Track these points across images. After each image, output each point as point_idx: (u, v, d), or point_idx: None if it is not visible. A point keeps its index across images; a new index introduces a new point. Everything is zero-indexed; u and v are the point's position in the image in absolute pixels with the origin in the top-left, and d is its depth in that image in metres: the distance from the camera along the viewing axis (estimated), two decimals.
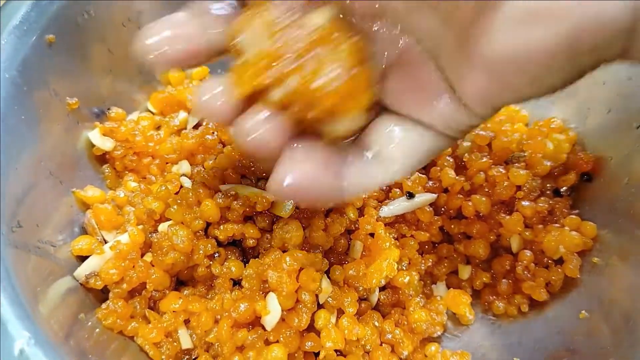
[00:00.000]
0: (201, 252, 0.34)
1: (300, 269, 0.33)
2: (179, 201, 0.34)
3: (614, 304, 0.34)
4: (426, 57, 0.25)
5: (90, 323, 0.32)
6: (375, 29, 0.25)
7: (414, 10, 0.24)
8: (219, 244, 0.35)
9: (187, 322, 0.34)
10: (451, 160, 0.40)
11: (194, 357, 0.34)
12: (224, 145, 0.39)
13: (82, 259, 0.34)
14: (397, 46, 0.25)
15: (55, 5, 0.35)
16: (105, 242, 0.36)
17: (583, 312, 0.35)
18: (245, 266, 0.33)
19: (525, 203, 0.38)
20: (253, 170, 0.36)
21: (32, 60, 0.34)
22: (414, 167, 0.27)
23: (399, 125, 0.26)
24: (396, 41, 0.25)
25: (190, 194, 0.34)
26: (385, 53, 0.26)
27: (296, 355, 0.33)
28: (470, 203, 0.38)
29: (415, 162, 0.27)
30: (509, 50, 0.21)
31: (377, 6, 0.25)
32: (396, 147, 0.26)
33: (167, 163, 0.40)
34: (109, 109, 0.40)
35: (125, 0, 0.40)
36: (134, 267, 0.34)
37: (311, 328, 0.33)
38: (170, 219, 0.35)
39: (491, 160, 0.39)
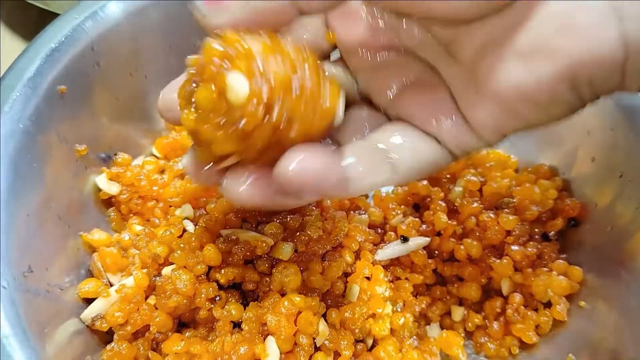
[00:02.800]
0: (203, 295, 0.35)
1: (299, 313, 0.34)
2: (182, 245, 0.36)
3: (601, 345, 0.36)
4: (441, 83, 0.27)
5: None
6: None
7: (426, 46, 0.26)
8: (220, 287, 0.36)
9: None
10: (443, 204, 0.41)
11: None
12: None
13: (88, 300, 0.36)
14: (413, 72, 0.28)
15: (67, 58, 0.37)
16: (111, 284, 0.37)
17: (570, 355, 0.36)
18: (245, 309, 0.35)
19: (514, 247, 0.39)
20: (253, 214, 0.38)
21: (44, 110, 0.35)
22: (417, 176, 0.28)
23: (410, 132, 0.27)
24: (412, 67, 0.28)
25: (193, 238, 0.36)
26: (404, 78, 0.28)
27: None
28: (462, 247, 0.40)
29: (421, 171, 0.28)
30: (516, 83, 0.24)
31: (397, 41, 0.27)
32: (406, 150, 0.27)
33: (170, 206, 0.41)
34: (115, 154, 0.42)
35: (133, 52, 0.42)
36: (138, 309, 0.35)
37: None
38: (174, 263, 0.36)
39: (482, 206, 0.41)
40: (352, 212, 0.42)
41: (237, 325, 0.35)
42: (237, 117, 0.23)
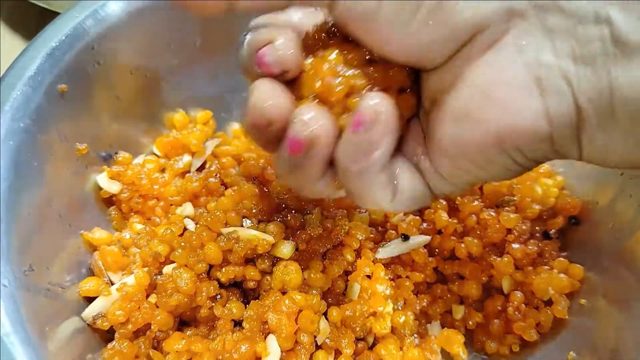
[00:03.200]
0: (204, 294, 0.35)
1: (299, 311, 0.34)
2: (183, 244, 0.36)
3: (601, 343, 0.36)
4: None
5: None
6: None
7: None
8: (221, 285, 0.36)
9: None
10: (444, 202, 0.41)
11: None
12: (226, 188, 0.41)
13: (89, 299, 0.36)
14: None
15: (67, 57, 0.37)
16: (112, 282, 0.37)
17: (571, 353, 0.36)
18: (246, 307, 0.35)
19: (515, 245, 0.39)
20: (254, 213, 0.38)
21: (44, 108, 0.35)
22: (409, 207, 0.29)
23: (409, 165, 0.27)
24: None
25: (194, 237, 0.36)
26: None
27: None
28: (462, 245, 0.40)
29: (413, 203, 0.28)
30: (451, 140, 0.25)
31: None
32: (406, 180, 0.27)
33: (171, 205, 0.41)
34: (116, 152, 0.42)
35: (133, 50, 0.42)
36: (139, 308, 0.35)
37: None
38: (175, 261, 0.36)
39: (482, 204, 0.41)
40: (352, 210, 0.42)
41: (238, 323, 0.36)
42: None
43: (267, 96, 0.25)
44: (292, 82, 0.26)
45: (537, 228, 0.41)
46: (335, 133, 0.25)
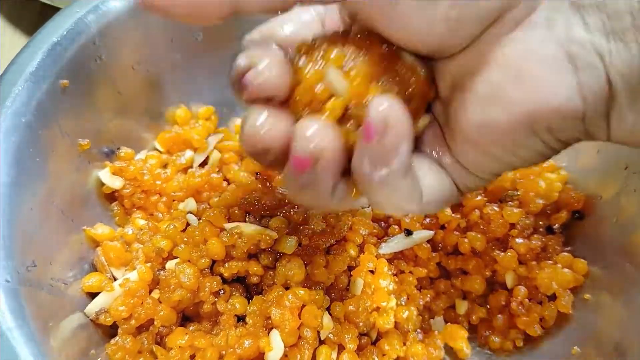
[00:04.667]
0: (207, 289, 0.35)
1: (303, 306, 0.34)
2: (185, 239, 0.36)
3: (605, 338, 0.36)
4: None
5: (100, 359, 0.34)
6: None
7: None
8: (224, 280, 0.36)
9: (192, 357, 0.35)
10: None
11: None
12: (229, 183, 0.41)
13: (92, 295, 0.36)
14: None
15: (69, 52, 0.37)
16: (115, 278, 0.37)
17: (575, 347, 0.36)
18: (249, 303, 0.35)
19: (519, 240, 0.39)
20: (257, 208, 0.38)
21: (46, 104, 0.35)
22: (434, 208, 0.27)
23: (430, 163, 0.27)
24: None
25: (197, 232, 0.36)
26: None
27: None
28: (466, 240, 0.40)
29: (438, 203, 0.27)
30: (479, 125, 0.24)
31: None
32: (429, 181, 0.26)
33: (173, 200, 0.41)
34: (118, 148, 0.42)
35: (135, 45, 0.41)
36: (142, 303, 0.35)
37: None
38: (178, 257, 0.36)
39: (486, 199, 0.41)
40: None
41: (241, 318, 0.35)
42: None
43: (261, 123, 0.24)
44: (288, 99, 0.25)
45: (540, 223, 0.41)
46: (341, 144, 0.24)
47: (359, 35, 0.24)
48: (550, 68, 0.22)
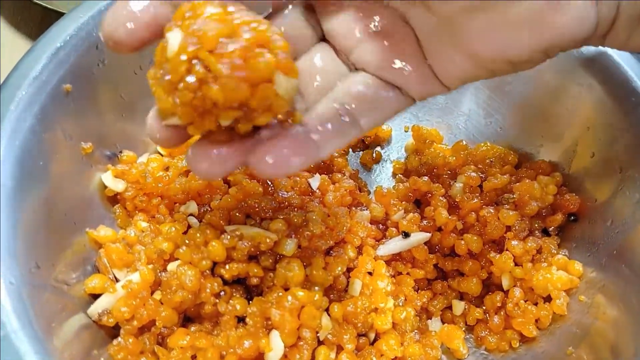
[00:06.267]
0: (208, 290, 0.35)
1: (302, 307, 0.34)
2: (187, 242, 0.36)
3: (600, 339, 0.36)
4: (409, 32, 0.28)
5: (102, 359, 0.34)
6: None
7: (409, 5, 0.27)
8: (225, 282, 0.37)
9: (194, 357, 0.35)
10: (444, 200, 0.42)
11: None
12: (230, 186, 0.42)
13: (95, 296, 0.36)
14: (380, 19, 0.28)
15: (72, 57, 0.37)
16: (117, 280, 0.37)
17: (570, 348, 0.37)
18: (249, 304, 0.35)
19: (514, 242, 0.40)
20: (257, 211, 0.38)
21: (49, 108, 0.36)
22: (379, 123, 0.30)
23: (372, 83, 0.29)
24: (380, 14, 0.28)
25: (198, 234, 0.36)
26: (371, 24, 0.28)
27: None
28: (462, 242, 0.40)
29: (382, 119, 0.29)
30: (501, 49, 0.26)
31: None
32: (367, 103, 0.28)
33: (175, 203, 0.42)
34: (120, 151, 0.42)
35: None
36: (144, 305, 0.35)
37: None
38: (179, 259, 0.36)
39: (482, 201, 0.41)
40: (354, 208, 0.43)
41: (241, 319, 0.36)
42: (167, 71, 0.23)
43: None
44: None
45: (536, 225, 0.41)
46: None
47: None
48: None
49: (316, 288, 0.36)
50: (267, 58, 0.23)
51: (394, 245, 0.40)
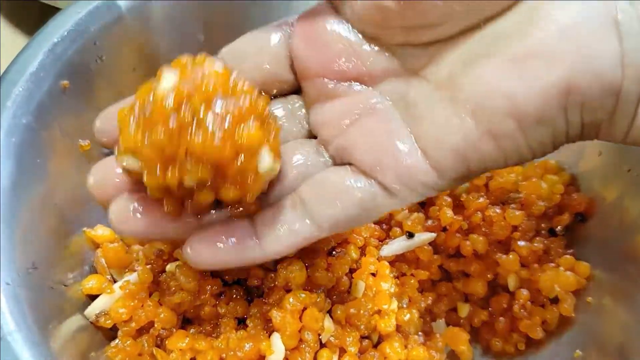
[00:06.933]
0: (207, 292, 0.35)
1: (304, 309, 0.34)
2: None
3: (608, 341, 0.36)
4: (390, 109, 0.26)
5: None
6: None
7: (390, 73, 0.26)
8: (225, 283, 0.36)
9: None
10: (449, 199, 0.41)
11: None
12: None
13: (92, 297, 0.36)
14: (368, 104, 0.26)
15: (69, 52, 0.37)
16: (115, 280, 0.37)
17: (578, 351, 0.36)
18: (249, 305, 0.35)
19: (521, 243, 0.39)
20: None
21: (46, 105, 0.35)
22: (348, 227, 0.27)
23: (350, 176, 0.26)
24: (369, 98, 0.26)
25: None
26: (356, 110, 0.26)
27: None
28: (468, 242, 0.40)
29: (352, 221, 0.26)
30: (505, 91, 0.22)
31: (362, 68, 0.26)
32: (338, 201, 0.26)
33: None
34: None
35: (136, 46, 0.41)
36: (142, 306, 0.35)
37: None
38: (178, 259, 0.36)
39: (488, 201, 0.40)
40: None
41: (242, 321, 0.35)
42: (149, 109, 0.22)
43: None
44: None
45: (543, 225, 0.41)
46: None
47: None
48: (597, 33, 0.21)
49: (318, 290, 0.35)
50: (260, 131, 0.22)
51: (397, 245, 0.39)
